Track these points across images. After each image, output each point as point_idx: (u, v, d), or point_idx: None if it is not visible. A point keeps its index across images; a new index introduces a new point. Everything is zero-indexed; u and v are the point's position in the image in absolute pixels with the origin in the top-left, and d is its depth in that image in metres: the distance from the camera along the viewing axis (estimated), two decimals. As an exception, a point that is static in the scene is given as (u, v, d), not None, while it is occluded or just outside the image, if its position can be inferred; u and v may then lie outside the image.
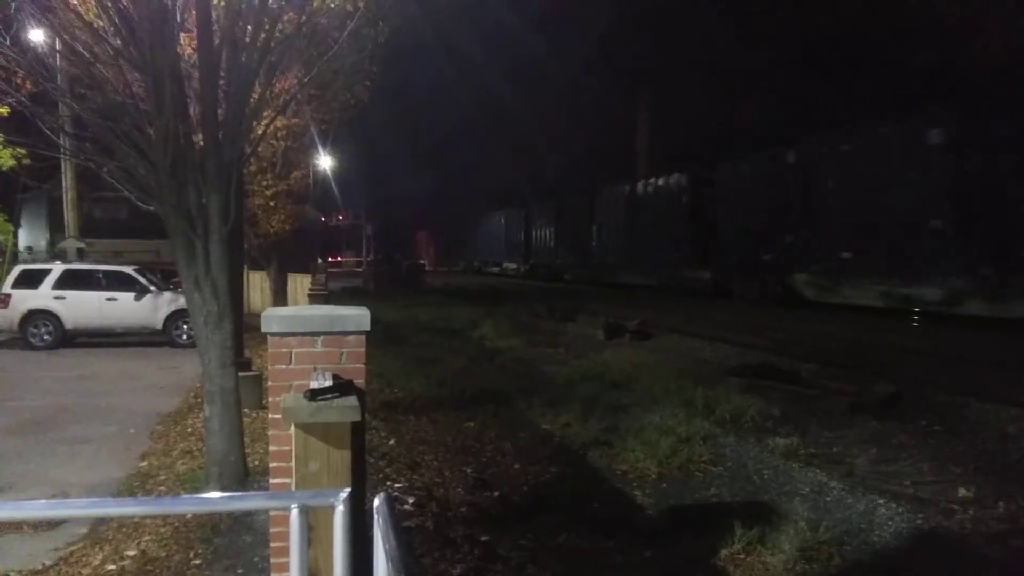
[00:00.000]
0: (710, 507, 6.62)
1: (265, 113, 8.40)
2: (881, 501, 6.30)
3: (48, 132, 7.00)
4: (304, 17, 7.46)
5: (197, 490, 6.71)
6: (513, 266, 52.36)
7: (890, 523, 5.92)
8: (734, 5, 37.33)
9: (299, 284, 22.95)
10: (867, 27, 31.38)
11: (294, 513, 2.30)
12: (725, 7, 37.21)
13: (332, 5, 8.44)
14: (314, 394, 3.27)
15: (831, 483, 6.80)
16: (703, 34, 37.90)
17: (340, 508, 2.32)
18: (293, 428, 3.29)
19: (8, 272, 17.99)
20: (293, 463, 3.32)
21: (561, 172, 55.59)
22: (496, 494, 6.81)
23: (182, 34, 7.08)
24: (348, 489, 2.39)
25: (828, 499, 6.50)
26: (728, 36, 36.29)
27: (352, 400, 3.29)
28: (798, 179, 23.12)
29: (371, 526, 2.29)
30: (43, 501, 4.68)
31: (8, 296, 16.73)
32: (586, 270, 39.32)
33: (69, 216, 21.32)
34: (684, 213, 29.98)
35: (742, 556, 5.39)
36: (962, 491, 6.65)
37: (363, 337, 3.68)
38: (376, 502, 2.29)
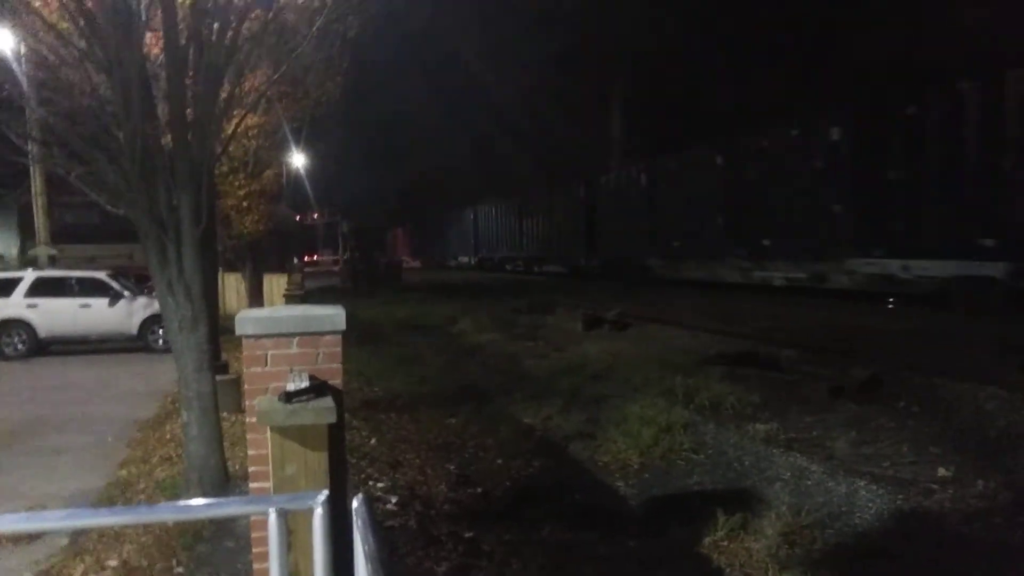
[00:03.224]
0: (692, 495, 6.65)
1: (235, 112, 8.31)
2: (862, 483, 6.35)
3: (14, 139, 6.88)
4: (271, 14, 7.38)
5: (177, 497, 6.65)
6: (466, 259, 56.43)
7: (871, 505, 5.96)
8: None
9: (275, 284, 22.83)
10: (831, 14, 31.57)
11: (272, 517, 2.27)
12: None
13: (299, 1, 8.36)
14: (289, 396, 3.23)
15: (812, 467, 6.84)
16: (673, 22, 37.90)
17: (318, 511, 2.30)
18: (269, 431, 3.25)
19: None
20: (271, 466, 3.28)
21: (534, 165, 55.54)
22: (479, 490, 6.80)
23: (148, 33, 6.98)
24: (326, 491, 2.36)
25: (809, 483, 6.54)
26: (698, 25, 36.41)
27: (328, 401, 3.26)
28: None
29: (352, 527, 2.27)
30: (20, 514, 4.59)
31: (-21, 305, 16.50)
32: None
33: (40, 222, 21.03)
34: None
35: (725, 543, 5.42)
36: (941, 471, 6.71)
37: (339, 337, 3.64)
38: (354, 504, 2.27)
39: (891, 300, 18.75)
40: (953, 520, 5.76)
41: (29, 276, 17.18)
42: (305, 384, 3.33)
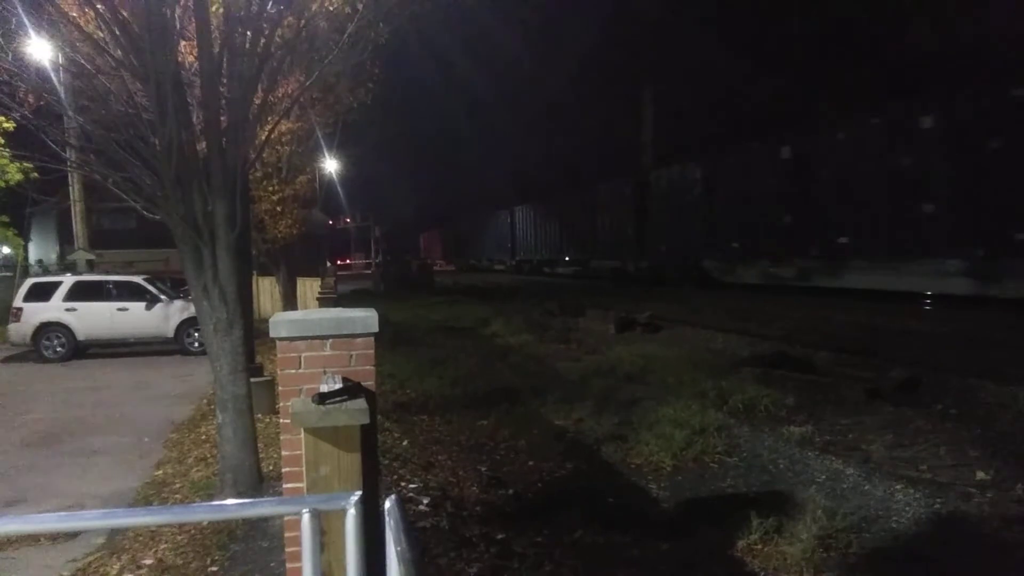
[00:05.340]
0: (726, 498, 6.59)
1: (268, 118, 8.40)
2: (899, 487, 6.26)
3: (53, 146, 7.01)
4: (303, 22, 7.45)
5: (211, 497, 6.73)
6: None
7: (908, 509, 5.88)
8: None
9: (308, 288, 22.98)
10: (866, 12, 31.24)
11: (305, 518, 2.29)
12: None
13: (331, 8, 8.41)
14: (323, 398, 3.26)
15: (847, 470, 6.76)
16: (703, 24, 37.77)
17: (351, 511, 2.31)
18: (303, 432, 3.28)
19: (19, 286, 18.05)
20: (304, 467, 3.31)
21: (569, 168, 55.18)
22: (511, 492, 6.80)
23: (182, 42, 7.08)
24: (359, 492, 2.38)
25: (845, 486, 6.46)
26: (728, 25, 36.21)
27: (361, 403, 3.28)
28: None
29: (384, 528, 2.28)
30: (58, 513, 4.68)
31: (20, 310, 16.80)
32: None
33: (78, 228, 21.41)
34: None
35: (759, 547, 5.37)
36: (980, 474, 6.60)
37: (372, 339, 3.66)
38: (387, 505, 2.28)
39: (927, 301, 18.46)
40: (992, 525, 5.66)
41: (68, 280, 17.47)
42: (338, 386, 3.35)
